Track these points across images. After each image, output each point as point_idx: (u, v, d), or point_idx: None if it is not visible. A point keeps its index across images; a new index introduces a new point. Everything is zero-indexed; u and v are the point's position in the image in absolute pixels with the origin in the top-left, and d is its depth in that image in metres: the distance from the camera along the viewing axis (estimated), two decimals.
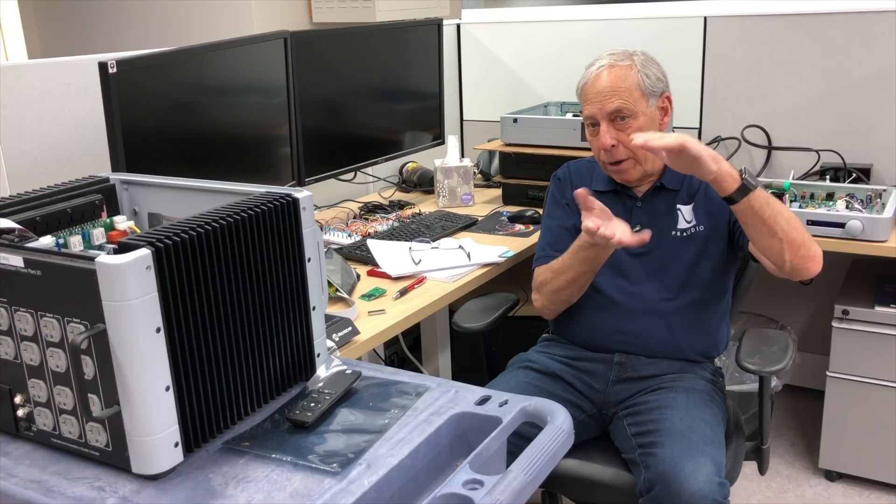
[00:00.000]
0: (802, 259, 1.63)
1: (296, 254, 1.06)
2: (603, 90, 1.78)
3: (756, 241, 1.65)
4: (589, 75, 1.83)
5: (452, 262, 2.07)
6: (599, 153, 1.83)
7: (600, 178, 1.92)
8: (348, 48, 2.39)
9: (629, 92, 1.77)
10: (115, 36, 3.05)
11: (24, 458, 0.95)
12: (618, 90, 1.77)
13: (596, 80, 1.80)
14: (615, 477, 1.69)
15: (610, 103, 1.77)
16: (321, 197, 2.65)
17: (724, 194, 1.59)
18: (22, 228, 1.01)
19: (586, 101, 1.82)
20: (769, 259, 1.66)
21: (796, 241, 1.62)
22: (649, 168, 1.83)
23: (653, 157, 1.82)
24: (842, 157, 2.59)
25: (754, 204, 1.58)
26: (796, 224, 1.62)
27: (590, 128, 1.84)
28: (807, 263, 1.64)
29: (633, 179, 1.83)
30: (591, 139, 1.85)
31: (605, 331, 1.84)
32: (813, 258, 1.64)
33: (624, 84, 1.77)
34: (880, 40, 2.51)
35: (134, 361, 0.85)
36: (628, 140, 1.75)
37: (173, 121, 1.81)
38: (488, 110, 3.15)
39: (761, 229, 1.61)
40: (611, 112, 1.77)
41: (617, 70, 1.79)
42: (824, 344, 2.42)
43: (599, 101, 1.78)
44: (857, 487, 2.46)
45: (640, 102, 1.78)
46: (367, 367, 1.15)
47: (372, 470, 0.90)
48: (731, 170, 1.58)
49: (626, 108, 1.76)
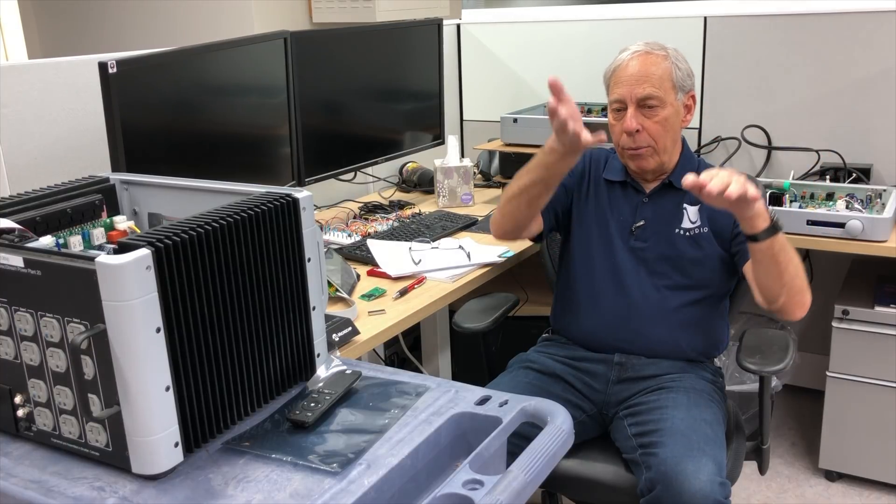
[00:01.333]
0: (794, 305, 1.65)
1: (296, 254, 1.06)
2: (635, 74, 1.76)
3: (761, 278, 1.65)
4: (622, 59, 1.81)
5: (452, 262, 2.07)
6: (621, 137, 1.81)
7: (613, 168, 1.91)
8: (348, 48, 2.39)
9: (661, 81, 1.76)
10: (115, 36, 3.05)
11: (24, 458, 0.95)
12: (650, 77, 1.76)
13: (629, 64, 1.78)
14: (615, 477, 1.69)
15: (641, 89, 1.75)
16: (321, 197, 2.65)
17: (752, 231, 1.56)
18: (22, 228, 1.00)
19: (616, 84, 1.80)
20: (763, 294, 1.67)
21: (797, 287, 1.63)
22: (665, 160, 1.82)
23: (671, 150, 1.82)
24: (842, 157, 2.59)
25: (775, 246, 1.57)
26: (802, 272, 1.63)
27: (614, 112, 1.82)
28: (795, 309, 1.66)
29: (649, 169, 1.82)
30: (613, 123, 1.83)
31: (605, 331, 1.84)
32: (803, 305, 1.66)
33: (657, 72, 1.76)
34: (880, 40, 2.51)
35: (134, 361, 0.85)
36: (653, 129, 1.75)
37: (173, 121, 1.81)
38: (488, 110, 3.15)
39: (771, 270, 1.60)
40: (640, 98, 1.76)
41: (652, 57, 1.78)
42: (824, 344, 2.42)
43: (630, 84, 1.76)
44: (857, 487, 2.46)
45: (669, 93, 1.77)
46: (367, 367, 1.15)
47: (372, 470, 0.90)
48: (764, 209, 1.56)
49: (656, 97, 1.75)
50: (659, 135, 1.77)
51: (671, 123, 1.78)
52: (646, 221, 1.83)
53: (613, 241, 1.85)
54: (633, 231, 1.84)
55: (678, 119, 1.81)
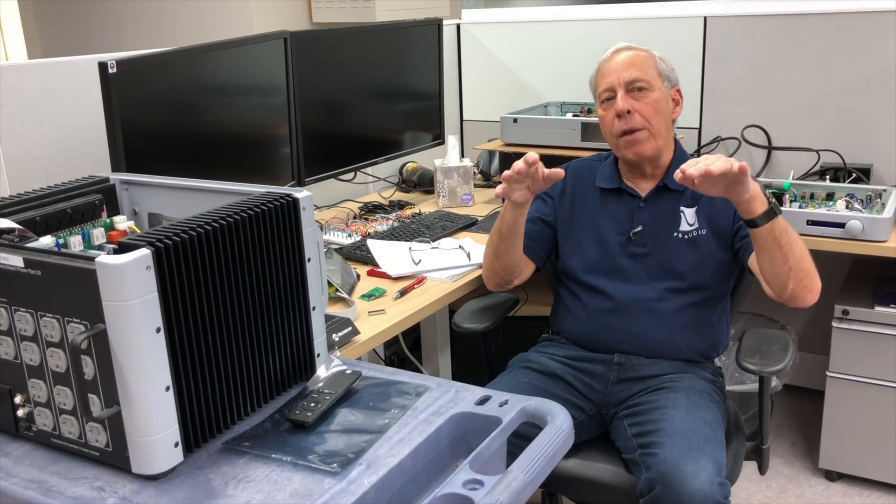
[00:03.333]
0: (804, 290, 1.64)
1: (296, 254, 1.06)
2: (621, 62, 1.81)
3: (766, 266, 1.64)
4: (606, 55, 1.86)
5: (452, 262, 2.07)
6: (613, 124, 1.82)
7: (605, 175, 1.91)
8: (348, 48, 2.39)
9: (647, 67, 1.81)
10: (115, 36, 3.05)
11: (24, 458, 0.95)
12: (636, 63, 1.81)
13: (614, 56, 1.84)
14: (615, 477, 1.69)
15: (628, 73, 1.79)
16: (321, 197, 2.65)
17: (750, 216, 1.56)
18: (22, 228, 1.01)
19: (602, 76, 1.84)
20: (771, 283, 1.66)
21: (803, 270, 1.62)
22: (661, 145, 1.82)
23: (666, 136, 1.83)
24: (842, 157, 2.59)
25: (776, 229, 1.56)
26: (807, 255, 1.62)
27: (603, 104, 1.84)
28: (805, 294, 1.65)
29: (647, 155, 1.82)
30: (603, 115, 1.85)
31: (604, 331, 1.84)
32: (813, 290, 1.65)
33: (642, 60, 1.82)
34: (880, 40, 2.51)
35: (134, 361, 0.85)
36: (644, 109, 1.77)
37: (173, 121, 1.81)
38: (488, 110, 3.14)
39: (775, 254, 1.60)
40: (629, 81, 1.79)
41: (635, 50, 1.84)
42: (824, 344, 2.42)
43: (618, 71, 1.80)
44: (857, 487, 2.46)
45: (657, 79, 1.81)
46: (367, 367, 1.15)
47: (372, 470, 0.90)
48: (760, 192, 1.56)
49: (644, 80, 1.79)
50: (651, 115, 1.79)
51: (661, 107, 1.81)
52: (643, 227, 1.83)
53: (611, 247, 1.85)
54: (631, 237, 1.83)
55: (668, 106, 1.83)
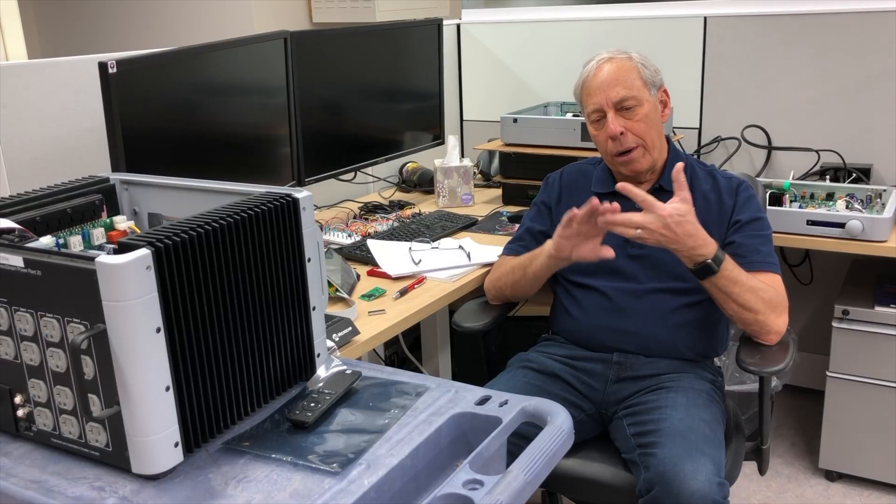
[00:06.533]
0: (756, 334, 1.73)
1: (296, 254, 1.06)
2: (606, 80, 1.80)
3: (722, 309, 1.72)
4: (588, 70, 1.84)
5: (452, 262, 2.07)
6: (607, 144, 1.82)
7: (600, 179, 1.91)
8: (348, 48, 2.39)
9: (632, 81, 1.79)
10: (115, 36, 3.05)
11: (24, 458, 0.95)
12: (621, 79, 1.79)
13: (597, 73, 1.82)
14: (615, 477, 1.69)
15: (615, 92, 1.78)
16: (321, 197, 2.64)
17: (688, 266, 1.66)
18: (22, 228, 1.00)
19: (589, 95, 1.83)
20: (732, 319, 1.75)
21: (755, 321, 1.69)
22: (656, 156, 1.83)
23: (660, 146, 1.84)
24: (842, 157, 2.59)
25: (717, 283, 1.66)
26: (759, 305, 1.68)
27: (594, 123, 1.84)
28: (762, 337, 1.73)
29: (643, 170, 1.83)
30: (595, 134, 1.85)
31: (603, 331, 1.84)
32: (767, 333, 1.72)
33: (626, 74, 1.80)
34: (880, 40, 2.51)
35: (134, 361, 0.85)
36: (636, 128, 1.77)
37: (173, 121, 1.81)
38: (488, 110, 3.15)
39: (728, 303, 1.69)
40: (617, 101, 1.78)
41: (616, 62, 1.82)
42: (824, 344, 2.42)
43: (604, 90, 1.79)
44: (857, 487, 2.46)
45: (643, 91, 1.81)
46: (367, 367, 1.15)
47: (372, 470, 0.90)
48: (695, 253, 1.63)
49: (632, 97, 1.78)
50: (644, 132, 1.80)
51: (652, 119, 1.82)
52: None
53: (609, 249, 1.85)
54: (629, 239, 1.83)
55: (657, 115, 1.84)
